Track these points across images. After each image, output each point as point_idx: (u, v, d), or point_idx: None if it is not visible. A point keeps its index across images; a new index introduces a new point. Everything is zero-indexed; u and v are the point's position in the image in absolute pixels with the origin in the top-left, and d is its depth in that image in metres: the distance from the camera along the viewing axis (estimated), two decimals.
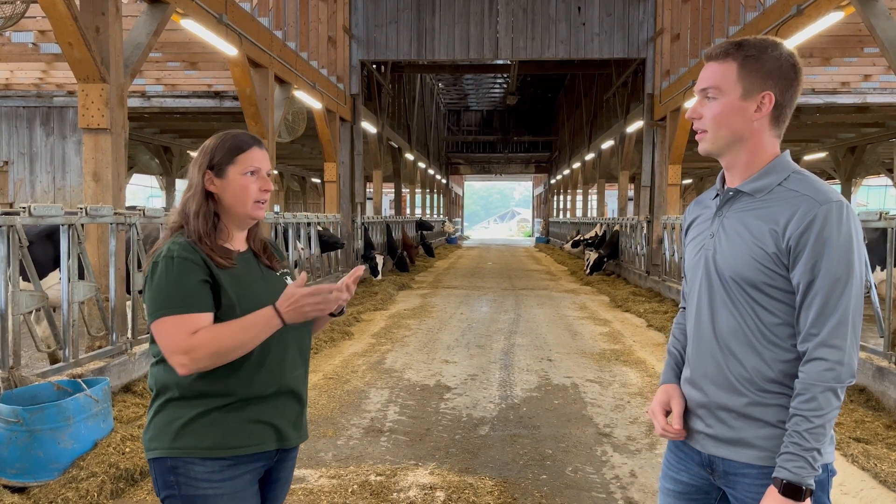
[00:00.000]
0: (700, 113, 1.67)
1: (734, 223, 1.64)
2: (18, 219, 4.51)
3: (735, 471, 1.64)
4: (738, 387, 1.62)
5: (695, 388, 1.71)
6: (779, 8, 8.24)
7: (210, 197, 1.88)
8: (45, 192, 13.84)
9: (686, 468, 1.76)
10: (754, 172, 1.65)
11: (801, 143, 20.54)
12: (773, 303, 1.58)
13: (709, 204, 1.77)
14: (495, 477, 4.11)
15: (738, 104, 1.61)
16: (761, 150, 1.65)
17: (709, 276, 1.67)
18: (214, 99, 12.97)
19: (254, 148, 1.90)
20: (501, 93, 37.78)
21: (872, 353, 5.82)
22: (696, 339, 1.72)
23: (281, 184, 29.74)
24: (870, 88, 12.54)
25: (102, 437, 4.05)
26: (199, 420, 1.80)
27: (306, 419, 2.03)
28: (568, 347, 8.11)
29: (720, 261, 1.64)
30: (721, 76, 1.62)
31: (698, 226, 1.78)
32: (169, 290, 1.76)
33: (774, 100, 1.61)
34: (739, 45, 1.62)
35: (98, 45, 5.61)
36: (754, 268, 1.58)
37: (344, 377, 6.46)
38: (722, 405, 1.65)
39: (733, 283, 1.62)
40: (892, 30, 6.05)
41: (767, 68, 1.60)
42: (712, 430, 1.67)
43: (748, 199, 1.64)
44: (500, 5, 14.75)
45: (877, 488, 3.98)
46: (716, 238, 1.67)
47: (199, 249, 1.82)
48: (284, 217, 10.44)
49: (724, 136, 1.64)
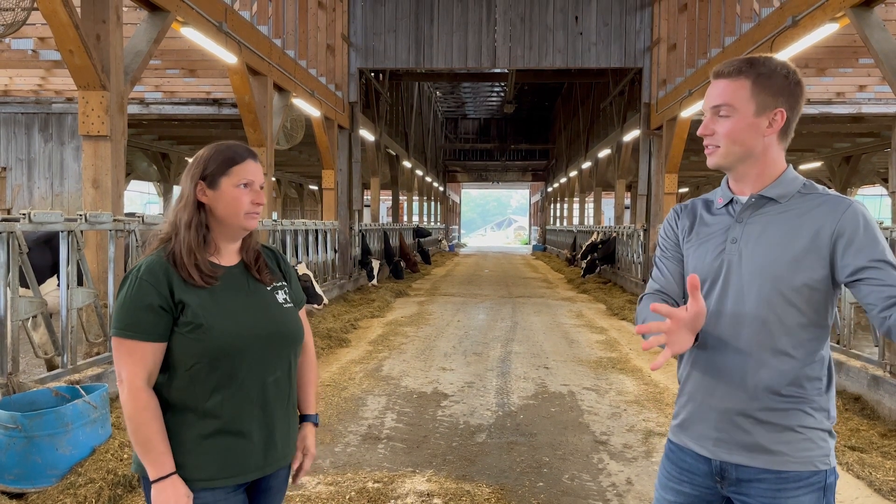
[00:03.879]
0: (712, 129, 1.70)
1: (763, 227, 1.67)
2: (18, 225, 4.53)
3: (750, 477, 1.64)
4: (757, 391, 1.63)
5: (709, 394, 1.70)
6: (774, 19, 8.31)
7: (201, 208, 1.85)
8: (42, 198, 13.83)
9: (689, 479, 1.75)
10: (767, 182, 1.70)
11: (797, 153, 20.64)
12: (805, 302, 1.61)
13: (716, 212, 1.78)
14: (492, 484, 4.12)
15: (751, 121, 1.66)
16: (772, 163, 1.70)
17: (732, 280, 1.67)
18: (213, 106, 13.01)
19: (248, 160, 1.87)
20: (499, 101, 37.90)
21: (867, 361, 5.85)
22: (714, 345, 1.69)
23: (279, 191, 29.75)
24: (864, 99, 12.64)
25: (101, 443, 4.05)
26: (184, 446, 1.79)
27: (294, 432, 1.98)
28: (565, 355, 8.13)
29: (751, 264, 1.65)
30: (734, 94, 1.66)
31: (704, 231, 1.78)
32: (121, 311, 1.76)
33: (786, 116, 1.66)
34: (752, 64, 1.67)
35: (99, 53, 5.64)
36: (793, 267, 1.61)
37: (341, 384, 6.47)
38: (739, 410, 1.65)
39: (767, 285, 1.63)
40: (886, 41, 6.11)
41: (779, 86, 1.65)
42: (727, 435, 1.67)
43: (773, 204, 1.68)
44: (498, 14, 14.83)
45: (872, 497, 4.00)
46: (740, 243, 1.68)
47: (171, 268, 1.79)
48: (282, 224, 10.46)
49: (738, 151, 1.68)
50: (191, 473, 1.78)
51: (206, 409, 1.78)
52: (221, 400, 1.79)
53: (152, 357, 1.75)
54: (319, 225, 12.31)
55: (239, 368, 1.80)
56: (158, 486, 1.74)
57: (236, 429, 1.81)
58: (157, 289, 1.76)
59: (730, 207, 1.75)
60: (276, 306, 1.91)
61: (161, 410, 1.77)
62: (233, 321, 1.80)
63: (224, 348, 1.78)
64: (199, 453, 1.78)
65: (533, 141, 43.42)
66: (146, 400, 1.74)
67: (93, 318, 5.54)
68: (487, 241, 66.71)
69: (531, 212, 62.20)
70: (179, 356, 1.77)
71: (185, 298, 1.77)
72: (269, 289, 1.93)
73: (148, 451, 1.74)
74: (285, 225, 10.45)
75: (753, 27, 9.10)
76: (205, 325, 1.76)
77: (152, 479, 1.74)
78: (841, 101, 12.73)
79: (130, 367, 1.74)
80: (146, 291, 1.75)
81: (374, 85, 17.99)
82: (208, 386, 1.78)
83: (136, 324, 1.74)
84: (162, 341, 1.76)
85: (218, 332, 1.77)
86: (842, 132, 16.04)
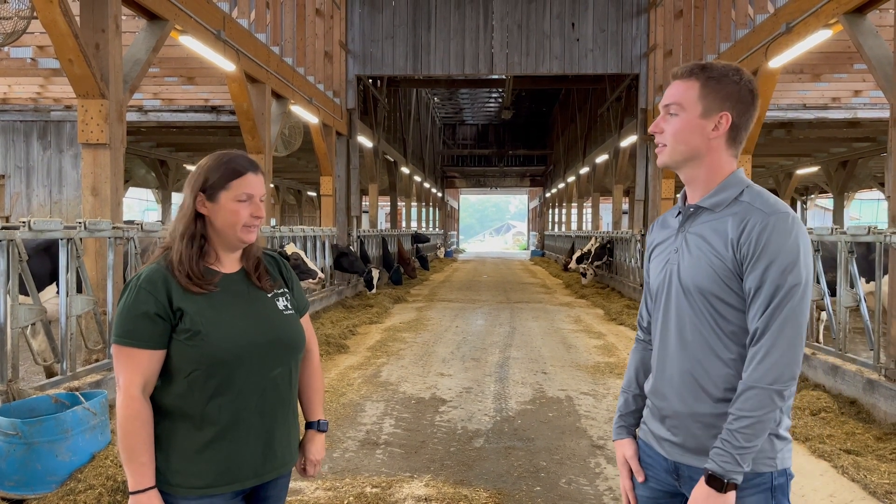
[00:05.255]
0: (661, 128, 1.76)
1: (695, 237, 1.73)
2: (18, 233, 4.56)
3: (699, 477, 1.67)
4: (703, 396, 1.69)
5: (661, 398, 1.78)
6: (768, 25, 8.37)
7: (200, 219, 1.86)
8: (41, 206, 13.86)
9: (654, 475, 1.82)
10: (712, 188, 1.73)
11: (794, 158, 20.70)
12: (730, 310, 1.66)
13: (671, 222, 1.85)
14: (490, 489, 4.14)
15: (697, 122, 1.70)
16: (718, 167, 1.73)
17: (675, 289, 1.74)
18: (211, 113, 13.05)
19: (249, 174, 1.87)
20: (497, 107, 37.97)
21: (863, 365, 5.88)
22: (661, 351, 1.79)
23: (277, 197, 29.79)
24: (860, 104, 12.69)
25: (100, 449, 4.07)
26: (182, 453, 1.80)
27: (294, 439, 2.00)
28: (562, 360, 8.15)
29: (684, 273, 1.72)
30: (683, 94, 1.72)
31: (663, 243, 1.85)
32: (120, 318, 1.79)
33: (731, 120, 1.70)
34: (703, 67, 1.72)
35: (98, 62, 5.68)
36: (713, 278, 1.66)
37: (340, 390, 6.49)
38: (688, 414, 1.71)
39: (697, 294, 1.69)
40: (879, 47, 6.16)
41: (727, 91, 1.69)
42: (678, 438, 1.74)
43: (708, 213, 1.73)
44: (495, 21, 14.91)
45: (867, 499, 4.02)
46: (679, 253, 1.76)
47: (170, 277, 1.81)
48: (280, 230, 10.49)
49: (682, 150, 1.73)
50: (189, 481, 1.79)
51: (205, 416, 1.80)
52: (220, 407, 1.80)
53: (149, 364, 1.77)
54: (318, 231, 12.34)
55: (237, 375, 1.81)
56: (135, 499, 1.75)
57: (234, 436, 1.82)
58: (155, 297, 1.78)
59: (679, 218, 1.81)
60: (276, 313, 1.93)
61: (155, 420, 1.79)
62: (230, 328, 1.82)
63: (221, 355, 1.79)
64: (198, 460, 1.79)
65: (531, 147, 43.49)
66: (138, 409, 1.75)
67: (92, 326, 5.56)
68: (486, 247, 66.73)
69: (529, 217, 62.26)
70: (178, 363, 1.79)
71: (184, 306, 1.79)
72: (270, 296, 1.94)
73: (131, 461, 1.75)
74: (283, 231, 10.48)
75: (748, 33, 9.17)
76: (202, 333, 1.78)
77: (131, 489, 1.75)
78: (837, 106, 12.78)
79: (127, 375, 1.76)
80: (144, 299, 1.77)
81: (371, 91, 18.05)
82: (206, 393, 1.79)
83: (134, 331, 1.76)
84: (159, 349, 1.78)
85: (215, 340, 1.79)
86: (838, 137, 16.08)
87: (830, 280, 6.79)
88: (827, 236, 6.60)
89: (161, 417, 1.80)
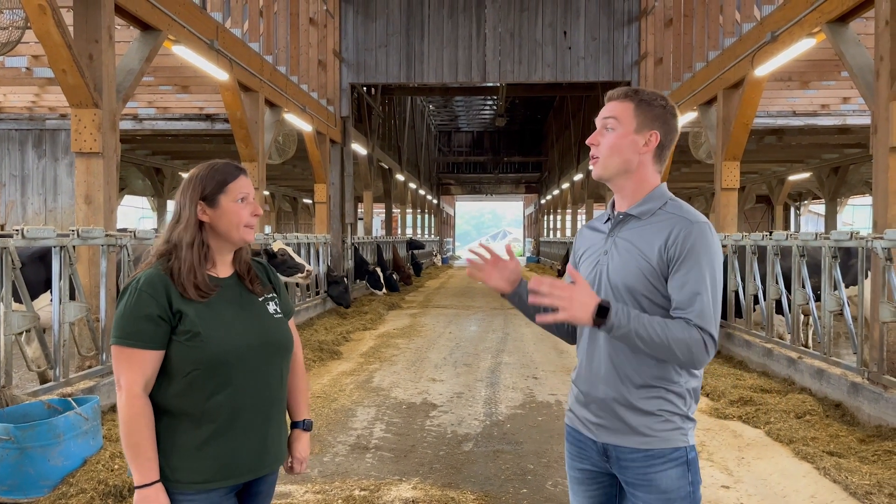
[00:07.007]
0: (598, 141, 1.94)
1: (624, 242, 1.91)
2: (12, 241, 4.62)
3: (624, 456, 1.88)
4: (627, 383, 1.87)
5: (589, 385, 1.96)
6: (755, 34, 8.49)
7: (202, 226, 1.95)
8: (36, 214, 13.90)
9: (587, 457, 1.99)
10: (639, 199, 1.93)
11: (786, 164, 20.84)
12: (655, 308, 1.84)
13: (601, 228, 2.02)
14: (477, 491, 4.21)
15: (632, 137, 1.90)
16: (645, 180, 1.94)
17: (604, 287, 1.91)
18: (206, 121, 13.12)
19: (240, 177, 1.99)
20: (491, 114, 38.15)
21: (847, 369, 5.96)
22: (591, 344, 1.96)
23: (272, 205, 29.85)
24: (849, 110, 12.81)
25: (92, 454, 4.13)
26: (181, 450, 1.87)
27: (284, 437, 2.08)
28: (554, 365, 8.22)
29: (612, 274, 1.90)
30: (621, 111, 1.92)
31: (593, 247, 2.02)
32: (121, 320, 1.85)
33: (659, 139, 1.91)
34: (636, 92, 1.94)
35: (91, 72, 5.75)
36: (641, 279, 1.85)
37: (332, 396, 6.55)
38: (613, 398, 1.89)
39: (624, 293, 1.87)
40: (860, 56, 6.27)
41: (655, 113, 1.91)
42: (605, 421, 1.91)
43: (636, 221, 1.92)
44: (488, 30, 15.04)
45: (847, 500, 4.09)
46: (609, 255, 1.94)
47: (170, 281, 1.88)
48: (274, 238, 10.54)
49: (615, 163, 1.92)
50: (188, 476, 1.87)
51: (203, 415, 1.88)
52: (218, 405, 1.88)
53: (150, 364, 1.85)
54: (311, 238, 12.40)
55: (234, 375, 1.90)
56: (142, 493, 1.83)
57: (233, 433, 1.90)
58: (156, 299, 1.85)
59: (608, 224, 1.99)
60: (268, 316, 2.02)
61: (155, 419, 1.86)
62: (228, 331, 1.90)
63: (220, 356, 1.87)
64: (196, 457, 1.87)
65: (526, 154, 43.67)
66: (141, 406, 1.83)
67: (85, 332, 5.62)
68: None
69: (525, 224, 62.40)
70: (178, 363, 1.87)
71: (183, 308, 1.87)
72: (261, 300, 2.03)
73: (136, 456, 1.82)
74: (277, 239, 10.53)
75: (735, 42, 9.29)
76: (202, 334, 1.86)
77: (137, 484, 1.83)
78: (826, 113, 12.90)
79: (129, 375, 1.83)
80: (146, 302, 1.85)
81: (366, 99, 18.15)
82: (205, 392, 1.87)
83: (136, 333, 1.83)
84: (160, 349, 1.86)
85: (214, 341, 1.87)
86: (829, 143, 16.21)
87: (815, 285, 6.88)
88: (811, 241, 6.69)
89: (160, 416, 1.88)
